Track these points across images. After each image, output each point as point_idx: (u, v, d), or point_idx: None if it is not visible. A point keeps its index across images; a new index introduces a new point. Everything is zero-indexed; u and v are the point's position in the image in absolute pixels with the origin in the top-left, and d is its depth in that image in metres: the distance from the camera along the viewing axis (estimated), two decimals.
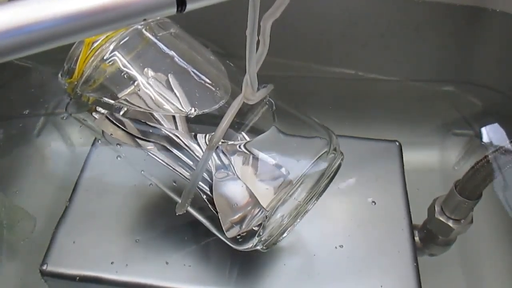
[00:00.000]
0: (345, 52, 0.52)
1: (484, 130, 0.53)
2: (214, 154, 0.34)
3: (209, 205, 0.35)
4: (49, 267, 0.38)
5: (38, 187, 0.50)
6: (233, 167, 0.35)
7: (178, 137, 0.35)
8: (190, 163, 0.35)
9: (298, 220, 0.37)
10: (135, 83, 0.34)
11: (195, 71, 0.36)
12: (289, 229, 0.37)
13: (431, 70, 0.54)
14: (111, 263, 0.39)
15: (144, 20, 0.18)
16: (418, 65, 0.53)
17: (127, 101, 0.34)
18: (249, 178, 0.34)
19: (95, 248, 0.40)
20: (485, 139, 0.53)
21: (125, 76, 0.34)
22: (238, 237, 0.34)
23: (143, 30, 0.36)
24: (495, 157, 0.35)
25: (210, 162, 0.34)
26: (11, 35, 0.17)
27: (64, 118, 0.36)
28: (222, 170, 0.35)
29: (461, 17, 0.49)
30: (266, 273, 0.38)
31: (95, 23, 0.17)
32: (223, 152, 0.35)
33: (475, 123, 0.56)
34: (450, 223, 0.40)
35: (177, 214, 0.35)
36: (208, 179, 0.35)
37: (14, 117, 0.50)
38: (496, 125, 0.52)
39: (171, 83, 0.35)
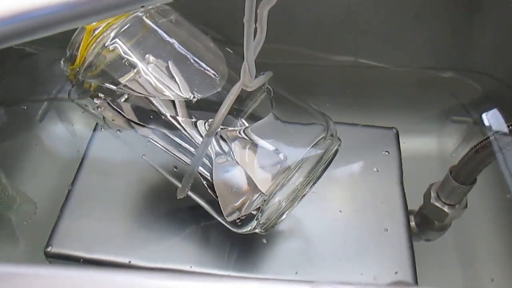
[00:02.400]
0: (344, 39, 0.52)
1: (483, 116, 0.54)
2: (214, 140, 0.35)
3: (209, 190, 0.36)
4: (53, 249, 0.39)
5: (41, 171, 0.51)
6: (233, 152, 0.35)
7: (179, 123, 0.36)
8: (191, 149, 0.36)
9: (296, 204, 0.38)
10: (136, 70, 0.35)
11: (194, 58, 0.36)
12: (286, 212, 0.37)
13: (430, 57, 0.54)
14: (114, 245, 0.40)
15: (143, 6, 0.18)
16: (417, 52, 0.53)
17: (128, 87, 0.35)
18: (248, 163, 0.35)
19: (97, 230, 0.41)
20: (484, 125, 0.53)
21: (126, 62, 0.35)
22: (237, 220, 0.35)
23: (144, 18, 0.36)
24: (490, 143, 0.36)
25: (210, 148, 0.35)
26: (12, 21, 0.17)
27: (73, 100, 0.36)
28: (222, 155, 0.35)
29: (461, 3, 0.49)
30: (264, 256, 0.39)
31: (95, 9, 0.18)
32: (223, 138, 0.35)
33: (473, 110, 0.56)
34: (445, 209, 0.41)
35: (177, 198, 0.36)
36: (209, 164, 0.35)
37: (18, 102, 0.51)
38: (495, 110, 0.52)
39: (171, 70, 0.36)
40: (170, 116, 0.36)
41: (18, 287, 0.17)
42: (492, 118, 0.52)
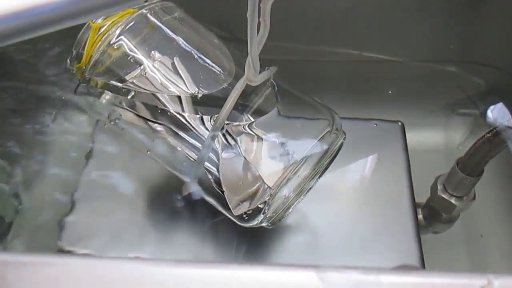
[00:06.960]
0: (349, 33, 0.52)
1: (488, 109, 0.53)
2: (220, 135, 0.35)
3: (216, 185, 0.36)
4: (62, 248, 0.40)
5: (49, 169, 0.52)
6: (239, 147, 0.35)
7: (185, 119, 0.36)
8: (197, 144, 0.36)
9: (302, 197, 0.38)
10: (142, 67, 0.35)
11: (199, 54, 0.37)
12: (293, 205, 0.38)
13: (434, 50, 0.54)
14: (122, 242, 0.40)
15: (146, 1, 0.19)
16: (422, 45, 0.53)
17: (134, 84, 0.35)
18: (254, 157, 0.35)
19: (106, 228, 0.41)
20: (490, 118, 0.53)
21: (132, 59, 0.35)
22: (244, 215, 0.35)
23: (148, 15, 0.37)
24: (497, 133, 0.36)
25: (216, 143, 0.35)
26: (14, 18, 0.17)
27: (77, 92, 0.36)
28: (229, 150, 0.35)
29: None
30: (272, 249, 0.40)
31: (99, 4, 0.18)
32: (229, 133, 0.36)
33: (479, 103, 0.56)
34: (453, 200, 0.41)
35: (184, 194, 0.36)
36: (215, 159, 0.36)
37: (26, 101, 0.51)
38: (500, 104, 0.52)
39: (177, 66, 0.36)
40: (176, 112, 0.36)
41: (28, 276, 0.18)
42: (498, 111, 0.52)
